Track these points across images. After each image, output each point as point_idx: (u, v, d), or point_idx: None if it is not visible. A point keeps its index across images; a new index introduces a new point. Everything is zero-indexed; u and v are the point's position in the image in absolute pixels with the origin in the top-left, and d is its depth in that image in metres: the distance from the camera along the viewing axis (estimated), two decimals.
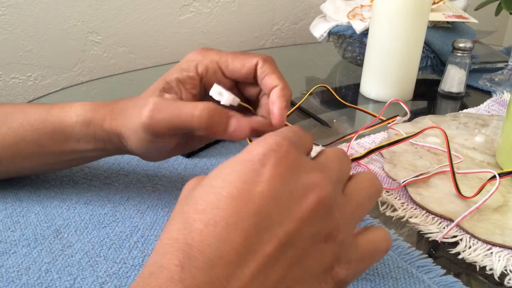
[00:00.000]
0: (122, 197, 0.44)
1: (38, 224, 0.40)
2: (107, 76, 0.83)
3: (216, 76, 0.38)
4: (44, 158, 0.41)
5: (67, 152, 0.40)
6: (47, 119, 0.39)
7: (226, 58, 0.37)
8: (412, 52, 0.69)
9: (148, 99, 0.35)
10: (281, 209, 0.24)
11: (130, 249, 0.38)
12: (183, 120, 0.34)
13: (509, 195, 0.47)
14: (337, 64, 0.93)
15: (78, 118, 0.39)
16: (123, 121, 0.37)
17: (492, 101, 0.72)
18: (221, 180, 0.24)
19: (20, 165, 0.41)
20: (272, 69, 0.37)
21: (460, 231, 0.42)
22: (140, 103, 0.36)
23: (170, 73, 0.37)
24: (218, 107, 0.35)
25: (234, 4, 1.01)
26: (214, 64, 0.37)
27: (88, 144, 0.39)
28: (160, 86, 0.37)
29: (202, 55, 0.38)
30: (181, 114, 0.34)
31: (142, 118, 0.35)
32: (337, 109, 0.69)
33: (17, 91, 0.84)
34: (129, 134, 0.37)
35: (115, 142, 0.39)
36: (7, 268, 0.35)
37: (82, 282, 0.34)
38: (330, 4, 0.89)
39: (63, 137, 0.39)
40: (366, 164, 0.52)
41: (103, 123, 0.38)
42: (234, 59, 0.37)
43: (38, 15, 0.81)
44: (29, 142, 0.39)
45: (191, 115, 0.34)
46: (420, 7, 0.65)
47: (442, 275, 0.36)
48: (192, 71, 0.37)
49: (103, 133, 0.38)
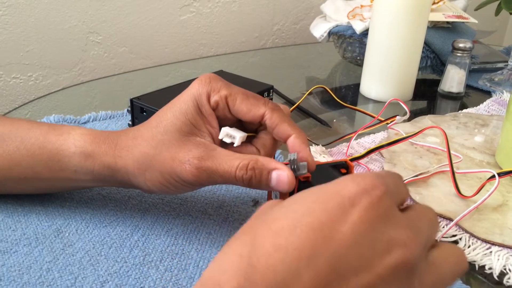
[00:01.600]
0: (123, 196, 0.44)
1: (39, 224, 0.40)
2: (107, 76, 0.83)
3: (224, 112, 0.37)
4: (38, 184, 0.40)
5: (63, 180, 0.39)
6: (44, 145, 0.38)
7: (235, 96, 0.36)
8: (412, 52, 0.69)
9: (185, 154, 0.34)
10: (360, 257, 0.21)
11: (131, 248, 0.38)
12: (225, 178, 0.34)
13: (509, 194, 0.47)
14: (337, 64, 0.93)
15: (76, 150, 0.37)
16: (134, 160, 0.36)
17: (492, 101, 0.72)
18: (304, 206, 0.23)
19: (12, 188, 0.41)
20: (281, 118, 0.36)
21: (459, 230, 0.42)
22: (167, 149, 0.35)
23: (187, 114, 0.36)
24: (257, 161, 0.34)
25: (235, 4, 1.02)
26: (223, 99, 0.36)
27: (86, 176, 0.38)
28: (183, 129, 0.35)
29: (211, 87, 0.36)
30: (224, 174, 0.34)
31: (185, 174, 0.34)
32: (337, 109, 0.70)
33: (18, 91, 0.84)
34: (148, 176, 0.36)
35: (118, 178, 0.37)
36: (8, 267, 0.35)
37: (83, 281, 0.34)
38: (330, 4, 0.90)
39: (59, 166, 0.38)
40: (366, 164, 0.53)
41: (104, 158, 0.37)
42: (242, 102, 0.36)
43: (39, 15, 0.82)
44: (24, 167, 0.38)
45: (232, 175, 0.34)
46: (420, 7, 0.66)
47: None
48: (207, 108, 0.36)
49: (104, 168, 0.37)
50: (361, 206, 0.22)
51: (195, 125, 0.36)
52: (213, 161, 0.34)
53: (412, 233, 0.23)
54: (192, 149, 0.35)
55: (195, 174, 0.34)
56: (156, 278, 0.35)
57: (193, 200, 0.44)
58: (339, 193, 0.23)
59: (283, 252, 0.21)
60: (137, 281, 0.35)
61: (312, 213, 0.22)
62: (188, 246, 0.38)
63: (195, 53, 1.01)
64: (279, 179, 0.34)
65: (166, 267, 0.36)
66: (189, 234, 0.40)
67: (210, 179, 0.34)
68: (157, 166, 0.35)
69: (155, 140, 0.35)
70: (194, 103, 0.36)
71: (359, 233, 0.22)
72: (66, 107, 0.68)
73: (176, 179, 0.35)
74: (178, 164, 0.34)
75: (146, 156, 0.35)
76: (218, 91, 0.36)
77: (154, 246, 0.38)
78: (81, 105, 0.68)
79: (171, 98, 0.38)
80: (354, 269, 0.21)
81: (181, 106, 0.36)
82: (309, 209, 0.22)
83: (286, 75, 0.86)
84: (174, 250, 0.38)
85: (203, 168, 0.34)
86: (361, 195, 0.22)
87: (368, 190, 0.23)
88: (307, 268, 0.21)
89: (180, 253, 0.38)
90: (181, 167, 0.34)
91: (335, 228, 0.22)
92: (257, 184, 0.34)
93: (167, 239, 0.39)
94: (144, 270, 0.36)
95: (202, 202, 0.44)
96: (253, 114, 0.36)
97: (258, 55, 1.00)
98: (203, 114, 0.36)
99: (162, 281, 0.35)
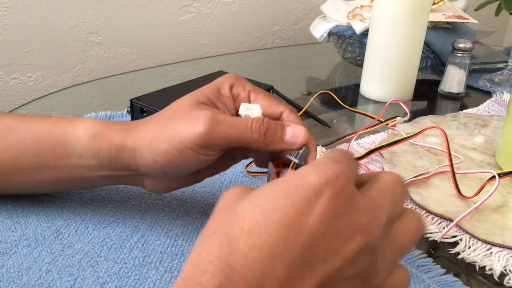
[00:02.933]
0: (123, 197, 0.44)
1: (39, 225, 0.40)
2: (107, 77, 0.83)
3: None
4: (42, 174, 0.39)
5: (67, 167, 0.38)
6: (52, 130, 0.38)
7: (259, 92, 0.37)
8: (412, 52, 0.69)
9: (200, 112, 0.34)
10: (327, 246, 0.23)
11: (130, 249, 0.38)
12: (240, 132, 0.34)
13: (509, 195, 0.47)
14: (337, 64, 0.93)
15: (85, 132, 0.37)
16: (144, 133, 0.36)
17: (492, 102, 0.72)
18: (271, 202, 0.24)
19: (16, 180, 0.40)
20: (299, 120, 0.37)
21: (459, 231, 0.42)
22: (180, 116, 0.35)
23: (205, 90, 0.37)
24: (270, 119, 0.35)
25: (234, 5, 1.02)
26: (246, 92, 0.37)
27: (91, 160, 0.37)
28: (198, 100, 0.36)
29: (237, 80, 0.38)
30: (239, 126, 0.34)
31: (198, 128, 0.33)
32: (337, 110, 0.70)
33: (17, 92, 0.84)
34: (156, 146, 0.35)
35: (124, 159, 0.37)
36: (8, 268, 0.35)
37: (82, 282, 0.34)
38: (330, 4, 0.90)
39: (65, 151, 0.38)
40: (366, 164, 0.53)
41: (114, 137, 0.37)
42: (264, 98, 0.37)
43: (39, 16, 0.82)
44: (29, 156, 0.38)
45: (248, 127, 0.34)
46: (420, 7, 0.66)
47: (442, 275, 0.36)
48: (227, 91, 0.37)
49: (110, 148, 0.37)
50: (325, 197, 0.24)
51: (211, 99, 0.36)
52: (227, 117, 0.34)
53: (373, 216, 0.25)
54: (207, 109, 0.35)
55: (209, 125, 0.33)
56: (156, 279, 0.35)
57: (193, 201, 0.44)
58: (303, 186, 0.24)
59: (258, 250, 0.22)
60: (136, 282, 0.34)
61: (281, 209, 0.23)
62: (188, 247, 0.38)
63: (195, 54, 1.01)
64: (294, 132, 0.35)
65: (166, 268, 0.36)
66: (189, 235, 0.40)
67: (225, 135, 0.33)
68: (165, 132, 0.34)
69: (168, 113, 0.36)
70: (215, 86, 0.37)
71: (325, 224, 0.23)
72: (66, 108, 0.68)
73: (185, 141, 0.33)
74: (191, 121, 0.34)
75: (157, 126, 0.35)
76: (242, 85, 0.37)
77: (153, 247, 0.38)
78: (80, 106, 0.68)
79: (171, 98, 0.37)
80: (322, 257, 0.23)
81: (198, 90, 0.37)
82: (277, 205, 0.23)
83: (286, 75, 0.86)
84: (174, 251, 0.38)
85: (218, 121, 0.33)
86: (325, 186, 0.24)
87: (331, 181, 0.24)
88: (281, 262, 0.22)
89: (180, 254, 0.37)
90: (194, 122, 0.33)
91: (303, 222, 0.23)
92: (272, 137, 0.34)
93: (167, 240, 0.39)
94: (144, 271, 0.35)
95: (202, 203, 0.44)
96: (273, 109, 0.37)
97: (258, 56, 1.00)
98: (221, 95, 0.37)
99: (162, 282, 0.35)
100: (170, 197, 0.45)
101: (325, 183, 0.24)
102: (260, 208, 0.24)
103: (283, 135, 0.35)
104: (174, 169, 0.35)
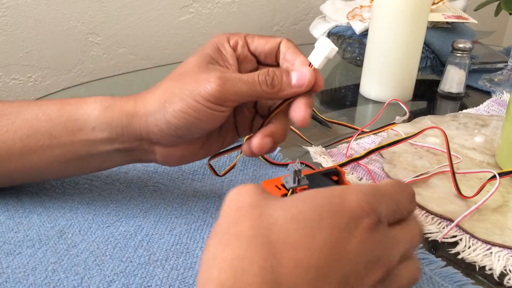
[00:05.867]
0: (124, 196, 0.45)
1: (41, 225, 0.40)
2: (107, 77, 0.83)
3: (244, 52, 0.40)
4: (54, 152, 0.39)
5: (79, 142, 0.38)
6: (63, 107, 0.39)
7: (253, 36, 0.40)
8: (412, 52, 0.69)
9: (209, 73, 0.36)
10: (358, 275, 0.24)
11: (135, 248, 0.38)
12: (249, 84, 0.36)
13: (509, 195, 0.47)
14: (337, 64, 0.93)
15: (96, 105, 0.38)
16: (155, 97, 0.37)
17: (492, 102, 0.73)
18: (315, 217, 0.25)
19: (28, 160, 0.39)
20: (295, 47, 0.39)
21: (459, 231, 0.42)
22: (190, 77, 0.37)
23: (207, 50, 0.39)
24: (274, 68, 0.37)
25: (234, 5, 1.02)
26: (242, 38, 0.40)
27: (103, 132, 0.38)
28: (205, 60, 0.38)
29: (229, 33, 0.40)
30: (248, 79, 0.36)
31: (210, 86, 0.35)
32: (337, 110, 0.70)
33: (17, 92, 0.84)
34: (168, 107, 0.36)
35: (136, 126, 0.37)
36: (13, 268, 0.35)
37: (89, 281, 0.34)
38: (330, 4, 0.90)
39: (77, 125, 0.38)
40: (366, 164, 0.53)
41: (124, 106, 0.38)
42: (260, 37, 0.40)
43: (38, 16, 0.82)
44: (40, 133, 0.38)
45: (255, 79, 0.36)
46: (419, 7, 0.66)
47: (443, 267, 0.37)
48: (227, 47, 0.39)
49: (122, 116, 0.38)
50: (363, 227, 0.25)
51: (215, 59, 0.38)
52: (235, 74, 0.37)
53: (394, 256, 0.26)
54: (216, 69, 0.37)
55: (220, 84, 0.35)
56: (162, 277, 0.35)
57: (195, 199, 0.45)
58: (345, 208, 0.25)
59: (304, 269, 0.23)
60: (143, 280, 0.35)
61: (326, 229, 0.24)
62: (193, 244, 0.39)
63: None
64: (300, 75, 0.37)
65: (172, 265, 0.36)
66: (193, 233, 0.40)
67: (236, 90, 0.36)
68: (177, 93, 0.36)
69: (176, 75, 0.38)
70: (214, 45, 0.39)
71: (359, 254, 0.25)
72: None
73: (199, 99, 0.35)
74: (202, 82, 0.36)
75: (168, 89, 0.37)
76: (236, 35, 0.40)
77: (158, 245, 0.38)
78: None
79: None
80: (351, 284, 0.24)
81: (201, 51, 0.39)
82: (322, 223, 0.24)
83: None
84: (178, 249, 0.38)
85: (227, 77, 0.36)
86: (363, 217, 0.25)
87: (368, 213, 0.25)
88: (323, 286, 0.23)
89: (185, 252, 0.38)
90: (205, 82, 0.35)
91: (344, 248, 0.24)
92: (280, 85, 0.36)
93: (171, 238, 0.39)
94: (150, 269, 0.36)
95: (204, 201, 0.44)
96: (271, 43, 0.40)
97: None
98: (223, 53, 0.39)
99: (169, 280, 0.35)
100: (172, 197, 0.45)
101: (363, 213, 0.25)
102: (303, 221, 0.24)
103: (289, 80, 0.36)
104: (189, 130, 0.37)
